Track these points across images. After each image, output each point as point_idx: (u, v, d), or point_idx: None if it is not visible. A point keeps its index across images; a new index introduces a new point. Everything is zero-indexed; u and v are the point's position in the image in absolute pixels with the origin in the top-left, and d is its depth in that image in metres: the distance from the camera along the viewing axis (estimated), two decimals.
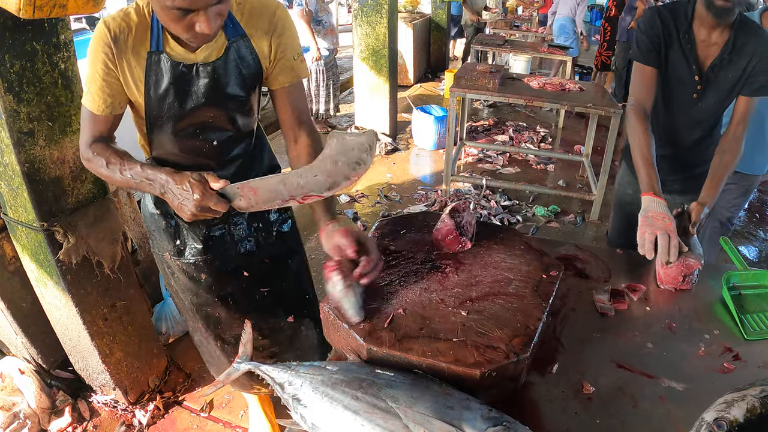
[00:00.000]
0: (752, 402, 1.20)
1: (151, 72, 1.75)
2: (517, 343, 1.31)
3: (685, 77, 2.40)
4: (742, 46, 2.26)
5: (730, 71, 2.31)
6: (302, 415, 1.25)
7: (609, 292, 1.81)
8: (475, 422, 1.10)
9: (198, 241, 2.13)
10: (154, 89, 1.77)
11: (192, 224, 2.09)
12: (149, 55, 1.73)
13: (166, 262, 2.22)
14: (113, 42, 1.67)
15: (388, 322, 1.37)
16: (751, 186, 3.76)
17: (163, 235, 2.15)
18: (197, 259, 2.15)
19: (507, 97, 5.42)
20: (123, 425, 2.95)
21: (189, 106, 1.83)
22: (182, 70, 1.76)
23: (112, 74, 1.72)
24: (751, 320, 1.76)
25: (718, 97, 2.41)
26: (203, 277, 2.19)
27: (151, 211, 2.13)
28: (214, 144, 1.96)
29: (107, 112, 1.77)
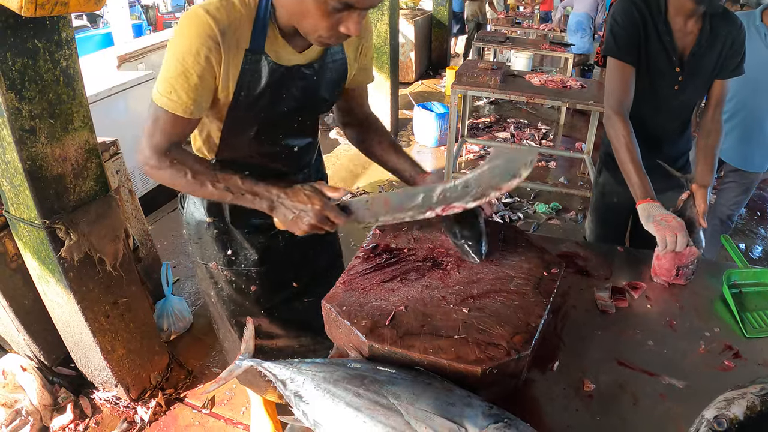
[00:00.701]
0: (752, 400, 1.20)
1: (246, 72, 1.60)
2: (519, 341, 1.31)
3: (665, 69, 2.36)
4: (717, 31, 2.27)
5: (708, 58, 2.31)
6: (304, 411, 1.25)
7: (610, 290, 1.81)
8: (477, 419, 1.11)
9: (256, 251, 2.03)
10: (248, 91, 1.63)
11: (252, 233, 2.01)
12: (247, 53, 1.58)
13: (210, 272, 2.10)
14: (221, 36, 1.50)
15: (389, 320, 1.37)
16: (752, 184, 3.77)
17: (212, 244, 2.03)
18: (251, 270, 2.06)
19: (508, 94, 5.43)
20: (125, 422, 2.96)
21: (281, 109, 1.73)
22: (282, 72, 1.65)
23: (212, 72, 1.55)
24: (751, 318, 1.76)
25: (696, 86, 2.40)
26: (253, 288, 2.09)
27: (200, 219, 2.00)
28: (295, 150, 1.91)
29: (195, 115, 1.59)
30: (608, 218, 2.94)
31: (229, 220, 1.98)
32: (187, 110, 1.55)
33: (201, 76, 1.52)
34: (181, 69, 1.50)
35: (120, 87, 4.66)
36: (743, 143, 3.52)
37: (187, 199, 2.03)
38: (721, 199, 3.94)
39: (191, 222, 2.04)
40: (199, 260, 2.11)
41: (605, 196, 2.88)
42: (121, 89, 4.67)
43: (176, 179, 1.60)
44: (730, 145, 3.14)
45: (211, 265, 2.07)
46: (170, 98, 1.52)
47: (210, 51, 1.50)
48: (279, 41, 1.62)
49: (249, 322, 1.59)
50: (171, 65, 1.50)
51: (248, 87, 1.62)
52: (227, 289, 2.11)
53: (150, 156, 1.59)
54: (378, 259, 1.64)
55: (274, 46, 1.61)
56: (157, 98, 1.54)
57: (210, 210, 1.97)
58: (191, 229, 2.06)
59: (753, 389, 1.24)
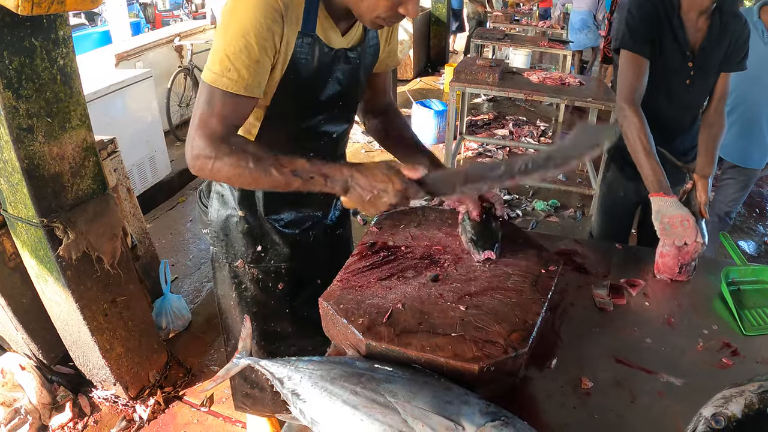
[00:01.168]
0: (750, 398, 1.20)
1: (299, 54, 1.56)
2: (516, 338, 1.31)
3: (678, 64, 2.38)
4: (726, 27, 2.33)
5: (716, 52, 2.36)
6: (301, 409, 1.25)
7: (608, 287, 1.81)
8: (474, 417, 1.11)
9: (287, 243, 1.98)
10: (298, 73, 1.59)
11: (284, 225, 1.96)
12: (300, 35, 1.53)
13: (234, 271, 2.03)
14: (284, 9, 1.45)
15: (386, 317, 1.37)
16: (750, 180, 3.77)
17: (240, 241, 1.97)
18: (280, 266, 2.02)
19: (506, 91, 5.43)
20: (123, 420, 2.96)
21: (327, 93, 1.70)
22: (332, 55, 1.63)
23: (273, 48, 1.48)
24: (749, 316, 1.76)
25: (707, 80, 2.44)
26: (280, 286, 2.05)
27: (228, 214, 1.94)
28: (333, 137, 1.88)
29: (256, 93, 1.50)
30: (614, 213, 2.96)
31: (262, 213, 1.93)
32: (248, 88, 1.47)
33: (264, 51, 1.46)
34: (243, 43, 1.42)
35: (118, 85, 4.67)
36: (741, 139, 3.53)
37: (212, 195, 1.97)
38: (719, 195, 3.95)
39: (217, 219, 1.97)
40: (223, 260, 2.04)
41: (611, 191, 2.90)
42: (118, 87, 4.67)
43: (236, 170, 1.43)
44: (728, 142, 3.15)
45: (237, 264, 2.01)
46: (229, 77, 1.44)
47: (275, 23, 1.45)
48: (328, 23, 1.60)
49: (246, 320, 1.58)
50: (230, 40, 1.43)
51: (299, 69, 1.58)
52: (252, 289, 2.05)
53: (204, 146, 1.44)
54: (375, 256, 1.64)
55: (323, 28, 1.59)
56: (213, 78, 1.44)
57: (242, 203, 1.91)
58: (216, 227, 1.99)
59: (751, 387, 1.23)
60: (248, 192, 1.90)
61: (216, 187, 1.97)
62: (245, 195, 1.90)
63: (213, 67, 1.44)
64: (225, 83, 1.44)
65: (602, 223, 3.03)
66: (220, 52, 1.43)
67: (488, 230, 1.65)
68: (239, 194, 1.91)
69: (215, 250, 2.06)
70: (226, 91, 1.44)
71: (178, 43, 6.59)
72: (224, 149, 1.42)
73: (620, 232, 2.96)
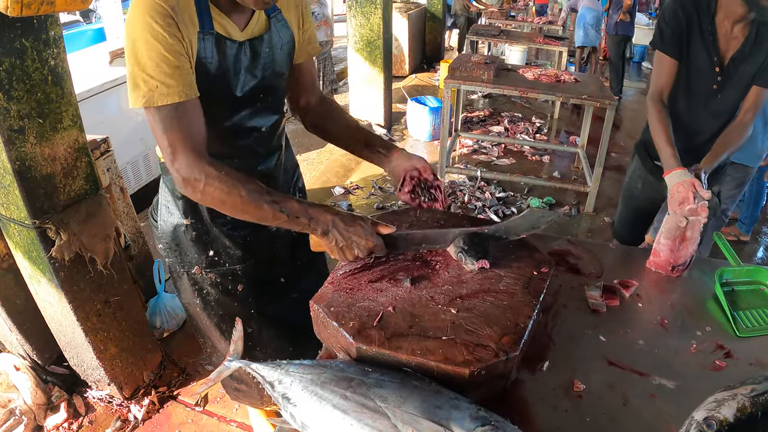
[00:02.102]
0: (742, 401, 1.20)
1: (203, 53, 1.55)
2: (507, 342, 1.31)
3: (705, 69, 2.45)
4: (762, 40, 2.33)
5: (750, 64, 2.37)
6: (292, 414, 1.25)
7: (601, 288, 1.80)
8: (464, 422, 1.10)
9: (238, 247, 1.99)
10: (207, 72, 1.58)
11: (232, 228, 1.96)
12: (200, 35, 1.54)
13: (193, 278, 2.04)
14: (173, 12, 1.44)
15: (377, 321, 1.36)
16: (746, 177, 3.79)
17: (192, 247, 1.98)
18: (236, 267, 2.02)
19: (501, 88, 5.42)
20: (118, 420, 2.96)
21: (243, 88, 1.70)
22: (236, 48, 1.63)
23: (183, 49, 1.48)
24: (743, 317, 1.76)
25: (737, 90, 2.46)
26: (239, 288, 2.05)
27: (176, 223, 1.95)
28: (263, 131, 1.87)
29: (192, 95, 1.50)
30: (631, 204, 3.12)
31: (207, 219, 1.94)
32: (182, 93, 1.47)
33: (176, 54, 1.46)
34: (156, 57, 1.43)
35: (112, 83, 4.65)
36: None
37: (159, 206, 1.98)
38: None
39: (166, 229, 1.99)
40: (179, 269, 2.05)
41: (631, 181, 3.06)
42: (112, 85, 4.65)
43: (228, 197, 1.49)
44: None
45: (194, 271, 2.02)
46: (159, 92, 1.44)
47: (170, 26, 1.44)
48: (223, 19, 1.61)
49: (238, 323, 1.58)
50: (141, 61, 1.43)
51: (207, 68, 1.58)
52: (213, 293, 2.06)
53: (189, 169, 1.47)
54: (366, 259, 1.63)
55: (220, 24, 1.60)
56: (146, 101, 1.45)
57: (186, 211, 1.93)
58: (167, 237, 2.00)
59: (743, 390, 1.23)
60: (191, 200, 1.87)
61: (161, 200, 1.97)
62: (189, 202, 1.91)
63: (139, 92, 1.44)
64: (159, 99, 1.44)
65: (622, 213, 3.25)
66: (137, 78, 1.44)
67: (478, 239, 1.64)
68: (183, 202, 1.91)
69: (170, 260, 2.06)
70: (166, 106, 1.45)
71: None
72: (211, 172, 1.47)
73: (635, 224, 3.17)
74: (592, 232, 5.14)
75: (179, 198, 1.91)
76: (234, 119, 1.77)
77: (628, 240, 3.22)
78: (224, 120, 1.75)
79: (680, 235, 1.91)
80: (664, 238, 1.94)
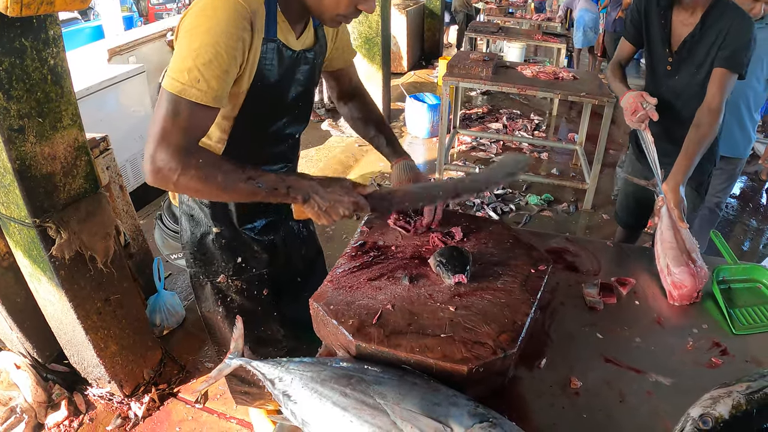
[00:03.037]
0: (738, 398, 1.21)
1: (265, 61, 1.57)
2: (505, 339, 1.32)
3: (659, 52, 2.72)
4: (711, 25, 2.46)
5: (700, 46, 2.52)
6: (292, 411, 1.26)
7: (598, 286, 1.81)
8: (462, 418, 1.11)
9: (264, 250, 2.00)
10: (264, 79, 1.60)
11: (259, 233, 1.98)
12: (264, 41, 1.55)
13: (216, 287, 2.02)
14: (253, 17, 1.46)
15: (376, 319, 1.37)
16: (736, 169, 3.80)
17: (220, 256, 1.96)
18: (263, 272, 2.02)
19: (500, 85, 5.42)
20: (119, 418, 2.97)
21: (290, 96, 1.75)
22: (294, 58, 1.67)
23: (242, 57, 1.48)
24: (740, 314, 1.77)
25: (689, 71, 2.61)
26: (265, 292, 2.05)
27: (205, 231, 1.94)
28: (296, 137, 1.94)
29: (223, 104, 1.49)
30: (628, 189, 3.27)
31: (237, 225, 1.93)
32: (217, 99, 1.43)
33: (234, 61, 1.44)
34: (213, 53, 1.39)
35: (110, 81, 4.65)
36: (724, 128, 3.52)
37: (180, 215, 1.97)
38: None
39: (191, 240, 1.97)
40: (203, 279, 2.03)
41: (627, 168, 3.31)
42: (111, 83, 4.65)
43: (204, 185, 1.43)
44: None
45: (219, 279, 2.00)
46: (199, 87, 1.39)
47: (245, 32, 1.44)
48: (286, 27, 1.63)
49: (238, 321, 1.58)
50: (199, 50, 1.38)
51: (266, 75, 1.60)
52: (238, 300, 2.04)
53: (169, 159, 1.38)
54: (365, 256, 1.64)
55: (282, 32, 1.62)
56: (180, 89, 1.39)
57: (216, 218, 1.91)
58: (191, 248, 1.98)
59: (739, 388, 1.24)
60: (221, 207, 1.90)
61: (183, 209, 1.96)
62: (217, 210, 1.90)
63: (179, 77, 1.39)
64: (194, 94, 1.39)
65: (621, 198, 3.41)
66: (187, 62, 1.39)
67: (457, 253, 1.60)
68: (211, 210, 1.90)
69: (193, 270, 2.04)
70: (195, 102, 1.40)
71: (170, 37, 6.53)
72: (191, 163, 1.40)
73: (633, 210, 3.27)
74: (590, 229, 5.14)
75: (208, 206, 1.89)
76: (277, 125, 1.81)
77: (629, 225, 3.40)
78: (270, 125, 1.79)
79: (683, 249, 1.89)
80: (674, 266, 1.84)
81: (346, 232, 4.75)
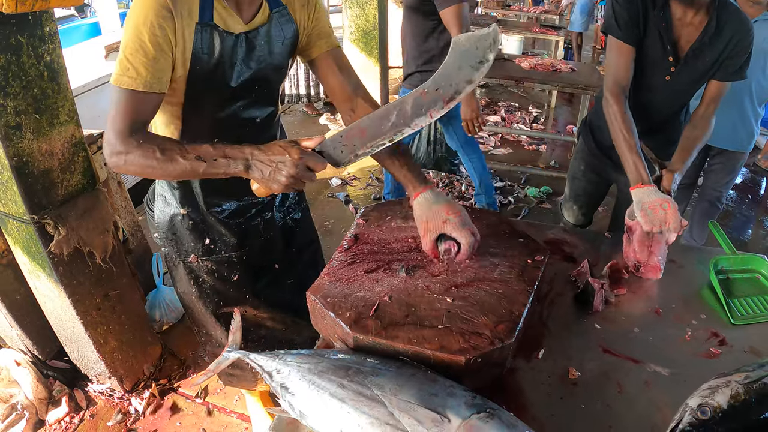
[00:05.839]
0: (736, 388, 1.21)
1: (199, 44, 1.59)
2: (502, 330, 1.32)
3: (658, 58, 2.30)
4: (722, 28, 2.18)
5: (708, 55, 2.23)
6: (290, 403, 1.26)
7: (607, 276, 1.80)
8: (459, 409, 1.12)
9: (233, 234, 2.03)
10: (202, 63, 1.62)
11: (228, 216, 2.01)
12: (197, 26, 1.57)
13: (188, 267, 2.08)
14: (173, 5, 1.50)
15: (373, 310, 1.38)
16: (738, 164, 3.79)
17: (188, 236, 2.02)
18: (231, 255, 2.06)
19: (497, 78, 5.41)
20: (119, 413, 2.97)
21: (238, 79, 1.73)
22: (233, 40, 1.66)
23: (168, 42, 1.52)
24: (738, 305, 1.77)
25: (691, 80, 2.34)
26: (235, 275, 2.09)
27: (173, 213, 1.99)
28: (257, 122, 1.90)
29: (156, 89, 1.54)
30: (575, 185, 3.10)
31: (203, 208, 1.99)
32: (146, 84, 1.51)
33: (158, 47, 1.51)
34: (138, 43, 1.49)
35: (107, 78, 4.60)
36: (725, 124, 3.52)
37: (156, 197, 2.02)
38: (708, 181, 3.96)
39: (162, 220, 2.03)
40: (176, 258, 2.09)
41: (575, 162, 3.03)
42: (108, 80, 4.62)
43: (146, 161, 1.50)
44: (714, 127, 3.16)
45: (190, 259, 2.06)
46: (128, 75, 1.50)
47: (164, 19, 1.50)
48: (226, 11, 1.64)
49: (236, 314, 1.59)
50: (127, 42, 1.49)
51: (202, 59, 1.62)
52: (209, 281, 2.10)
53: (115, 143, 1.51)
54: (362, 248, 1.64)
55: (221, 16, 1.63)
56: (115, 79, 1.51)
57: (183, 201, 1.97)
58: (163, 228, 2.04)
59: (737, 377, 1.25)
60: (188, 189, 1.96)
61: (158, 190, 2.01)
62: (185, 192, 1.96)
63: (116, 69, 1.51)
64: (126, 82, 1.50)
65: (565, 195, 3.25)
66: (120, 55, 1.51)
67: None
68: (180, 192, 1.96)
69: (167, 250, 2.11)
70: (128, 89, 1.51)
71: None
72: (132, 143, 1.50)
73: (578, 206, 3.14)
74: None
75: (176, 188, 1.95)
76: (229, 110, 1.80)
77: (573, 222, 3.21)
78: (219, 110, 1.78)
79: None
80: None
81: (344, 226, 4.75)
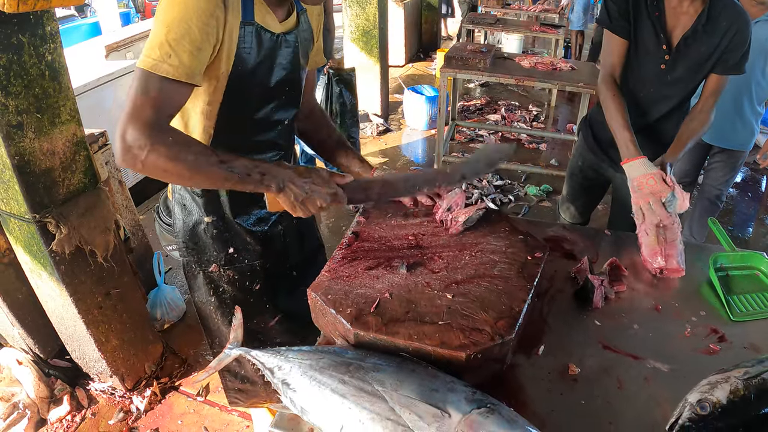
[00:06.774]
0: (735, 384, 1.22)
1: (243, 43, 1.55)
2: (502, 326, 1.33)
3: (652, 48, 2.31)
4: (717, 18, 2.18)
5: (703, 45, 2.24)
6: (292, 399, 1.27)
7: (607, 273, 1.80)
8: (460, 404, 1.12)
9: (257, 241, 1.98)
10: (245, 62, 1.59)
11: (253, 224, 1.96)
12: (242, 25, 1.53)
13: (209, 276, 2.01)
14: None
15: (374, 307, 1.38)
16: (738, 162, 3.79)
17: (211, 245, 1.95)
18: (254, 264, 2.00)
19: (497, 77, 5.41)
20: (121, 412, 2.98)
21: (275, 79, 1.71)
22: (274, 40, 1.64)
23: (215, 35, 1.45)
24: (737, 301, 1.77)
25: (688, 71, 2.33)
26: (257, 284, 2.04)
27: (197, 220, 1.92)
28: (285, 123, 1.88)
29: (197, 81, 1.44)
30: (573, 182, 3.08)
31: (230, 215, 1.92)
32: (190, 75, 1.41)
33: (206, 37, 1.42)
34: (185, 28, 1.37)
35: (108, 77, 4.65)
36: (725, 122, 3.52)
37: (173, 207, 1.96)
38: (708, 179, 3.96)
39: (184, 229, 1.96)
40: (196, 268, 2.01)
41: (574, 158, 3.02)
42: (109, 79, 4.66)
43: (172, 163, 1.36)
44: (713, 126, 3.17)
45: (211, 269, 1.99)
46: (170, 63, 1.37)
47: (218, 8, 1.42)
48: (264, 9, 1.61)
49: (237, 311, 1.59)
50: (171, 26, 1.37)
51: (245, 58, 1.58)
52: (230, 291, 2.03)
53: (139, 136, 1.33)
54: (362, 246, 1.65)
55: (261, 15, 1.60)
56: (152, 65, 1.37)
57: (207, 208, 1.90)
58: (184, 237, 1.96)
59: (736, 373, 1.25)
60: (213, 196, 1.89)
61: (175, 197, 1.94)
62: (210, 200, 1.89)
63: (151, 53, 1.37)
64: (165, 69, 1.37)
65: (563, 192, 3.22)
66: (159, 37, 1.37)
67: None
68: (204, 200, 1.89)
69: (186, 259, 2.02)
70: (166, 78, 1.38)
71: None
72: (160, 140, 1.35)
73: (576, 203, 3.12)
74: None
75: (200, 195, 1.88)
76: (263, 111, 1.78)
77: (571, 220, 3.20)
78: (256, 111, 1.76)
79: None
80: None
81: (345, 224, 4.75)
